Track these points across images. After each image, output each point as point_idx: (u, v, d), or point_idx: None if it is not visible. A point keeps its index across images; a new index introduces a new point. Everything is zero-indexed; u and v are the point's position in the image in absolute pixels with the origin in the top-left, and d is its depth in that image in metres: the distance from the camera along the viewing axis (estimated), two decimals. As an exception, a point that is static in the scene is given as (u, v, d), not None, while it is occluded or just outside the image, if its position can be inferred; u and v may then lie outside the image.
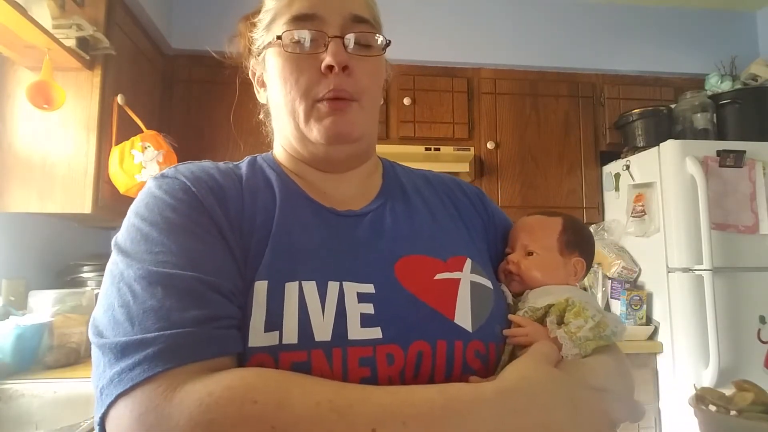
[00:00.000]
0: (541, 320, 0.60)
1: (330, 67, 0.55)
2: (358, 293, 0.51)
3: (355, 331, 0.49)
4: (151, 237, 0.49)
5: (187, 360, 0.42)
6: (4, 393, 1.36)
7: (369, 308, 0.51)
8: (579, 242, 0.69)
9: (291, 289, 0.49)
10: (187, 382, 0.41)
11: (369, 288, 0.52)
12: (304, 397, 0.41)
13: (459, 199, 0.70)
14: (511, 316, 0.60)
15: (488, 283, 0.60)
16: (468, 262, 0.60)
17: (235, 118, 2.16)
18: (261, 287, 0.49)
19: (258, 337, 0.47)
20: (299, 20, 0.57)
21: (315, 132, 0.57)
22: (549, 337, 0.58)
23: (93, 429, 1.07)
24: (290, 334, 0.47)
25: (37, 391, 1.38)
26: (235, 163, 0.63)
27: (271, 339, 0.47)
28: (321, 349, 0.47)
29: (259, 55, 0.64)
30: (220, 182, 0.56)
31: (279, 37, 0.58)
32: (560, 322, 0.59)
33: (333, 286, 0.50)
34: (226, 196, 0.55)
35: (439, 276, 0.56)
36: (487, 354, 0.54)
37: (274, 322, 0.47)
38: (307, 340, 0.47)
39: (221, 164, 0.61)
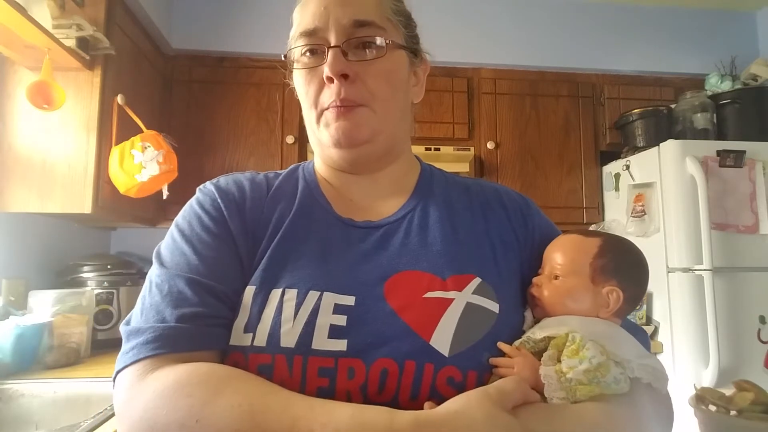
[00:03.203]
0: (543, 354, 0.54)
1: (330, 78, 0.57)
2: (336, 304, 0.52)
3: (321, 342, 0.50)
4: (176, 242, 0.57)
5: (167, 350, 0.48)
6: (4, 393, 1.35)
7: (341, 320, 0.51)
8: (618, 269, 0.60)
9: (274, 295, 0.53)
10: (158, 369, 0.47)
11: (349, 300, 0.53)
12: (231, 396, 0.44)
13: (494, 212, 0.66)
14: (500, 344, 0.54)
15: (493, 307, 0.55)
16: (474, 282, 0.56)
17: (235, 120, 2.16)
18: (249, 291, 0.54)
19: (237, 337, 0.52)
20: (304, 36, 0.59)
21: (325, 137, 0.60)
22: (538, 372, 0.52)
23: (93, 429, 1.07)
24: (261, 337, 0.51)
25: (37, 391, 1.37)
26: (280, 171, 0.68)
27: (245, 340, 0.51)
28: (284, 354, 0.49)
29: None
30: (246, 194, 0.62)
31: (285, 56, 0.62)
32: (561, 359, 0.53)
33: (312, 296, 0.52)
34: (246, 207, 0.60)
35: (429, 294, 0.54)
36: (463, 382, 0.50)
37: (252, 325, 0.52)
38: (274, 345, 0.50)
39: (260, 175, 0.65)
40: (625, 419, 0.51)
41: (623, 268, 0.61)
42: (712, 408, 0.66)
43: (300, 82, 0.61)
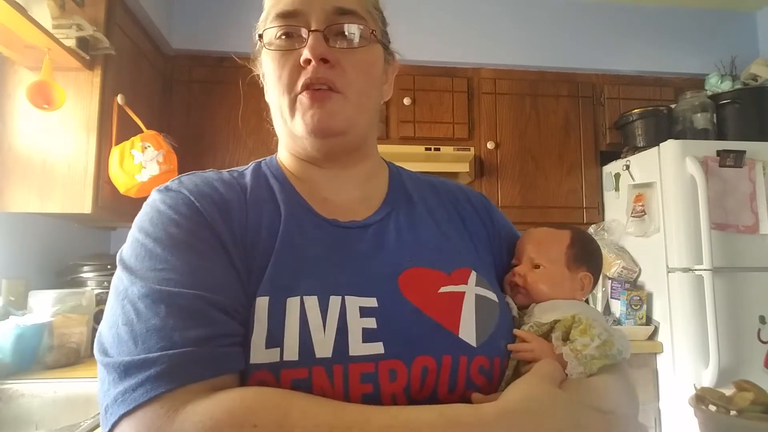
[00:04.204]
0: (547, 335, 0.60)
1: (308, 61, 0.54)
2: (360, 307, 0.50)
3: (357, 347, 0.48)
4: (155, 253, 0.49)
5: (190, 380, 0.42)
6: (4, 393, 1.36)
7: (371, 323, 0.49)
8: (587, 256, 0.68)
9: (292, 304, 0.49)
10: (189, 403, 0.41)
11: (372, 302, 0.51)
12: (304, 420, 0.40)
13: (464, 209, 0.69)
14: (516, 331, 0.59)
15: (493, 297, 0.59)
16: (473, 275, 0.58)
17: (235, 120, 2.17)
18: (262, 303, 0.49)
19: (259, 354, 0.47)
20: (282, 17, 0.56)
21: (298, 126, 0.57)
22: (554, 353, 0.56)
23: (93, 429, 1.08)
24: (291, 350, 0.46)
25: (37, 391, 1.37)
26: (239, 170, 0.63)
27: (272, 356, 0.46)
28: (322, 366, 0.46)
29: (259, 54, 0.63)
30: (224, 195, 0.56)
31: (261, 36, 0.58)
32: (566, 339, 0.58)
33: (335, 301, 0.50)
34: (229, 210, 0.54)
35: (443, 289, 0.55)
36: (491, 369, 0.53)
37: (274, 338, 0.47)
38: (308, 357, 0.46)
39: (225, 174, 0.60)
40: (623, 384, 0.57)
41: (590, 255, 0.69)
42: (712, 408, 0.66)
43: (271, 65, 0.58)
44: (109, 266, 1.86)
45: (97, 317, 1.75)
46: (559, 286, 0.66)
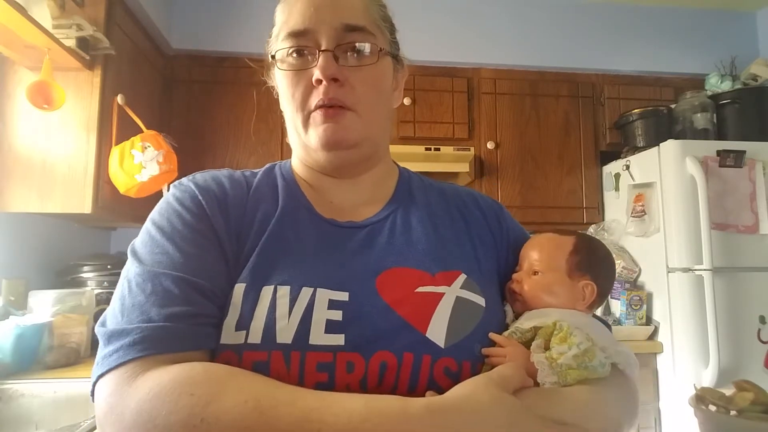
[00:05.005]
0: (530, 343, 0.57)
1: (319, 81, 0.57)
2: (330, 300, 0.52)
3: (318, 337, 0.50)
4: (156, 240, 0.54)
5: (157, 350, 0.46)
6: (4, 393, 1.36)
7: (337, 315, 0.51)
8: (591, 264, 0.64)
9: (266, 292, 0.52)
10: (149, 370, 0.45)
11: (343, 296, 0.53)
12: (236, 394, 0.42)
13: (472, 214, 0.69)
14: (491, 335, 0.56)
15: (480, 301, 0.58)
16: (461, 278, 0.58)
17: (235, 120, 2.17)
18: (239, 289, 0.52)
19: (228, 335, 0.50)
20: (294, 36, 0.58)
21: (312, 140, 0.60)
22: (529, 360, 0.54)
23: (93, 429, 1.08)
24: (255, 334, 0.49)
25: (37, 391, 1.38)
26: (254, 171, 0.66)
27: (238, 338, 0.50)
28: (281, 350, 0.49)
29: (272, 68, 0.65)
30: (227, 191, 0.60)
31: (273, 57, 0.61)
32: (548, 347, 0.56)
33: (306, 292, 0.52)
34: (228, 204, 0.58)
35: (421, 289, 0.55)
36: (458, 372, 0.52)
37: (243, 322, 0.50)
38: (269, 342, 0.49)
39: (237, 173, 0.64)
40: (608, 400, 0.54)
41: (595, 263, 0.65)
42: (712, 408, 0.66)
43: (284, 83, 0.60)
44: (109, 266, 1.86)
45: (97, 317, 1.75)
46: (556, 294, 0.63)
